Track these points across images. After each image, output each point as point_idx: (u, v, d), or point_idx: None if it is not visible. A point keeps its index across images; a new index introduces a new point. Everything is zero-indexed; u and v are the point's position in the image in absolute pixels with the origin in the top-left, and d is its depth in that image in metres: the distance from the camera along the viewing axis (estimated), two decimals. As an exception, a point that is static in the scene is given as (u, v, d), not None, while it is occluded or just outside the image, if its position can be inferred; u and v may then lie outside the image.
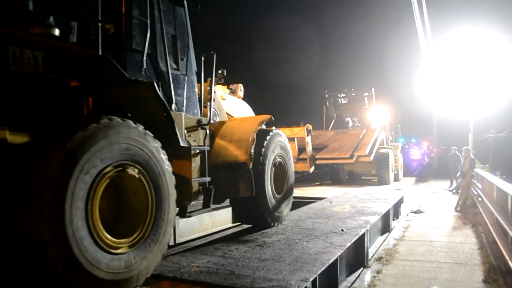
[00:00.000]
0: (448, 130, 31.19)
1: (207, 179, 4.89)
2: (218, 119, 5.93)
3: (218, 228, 6.66)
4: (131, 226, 3.55)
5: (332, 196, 10.70)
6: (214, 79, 5.43)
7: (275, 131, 6.34)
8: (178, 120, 4.40)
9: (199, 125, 4.96)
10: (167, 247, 3.83)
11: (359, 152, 14.02)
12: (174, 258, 4.40)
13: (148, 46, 4.09)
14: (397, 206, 9.89)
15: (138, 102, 4.11)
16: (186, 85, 4.77)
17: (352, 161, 13.98)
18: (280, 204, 6.34)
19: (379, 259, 6.23)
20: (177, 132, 4.27)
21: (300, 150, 13.55)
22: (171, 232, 3.86)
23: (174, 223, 4.10)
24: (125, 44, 3.97)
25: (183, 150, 4.46)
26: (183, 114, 4.59)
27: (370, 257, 6.24)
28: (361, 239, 5.69)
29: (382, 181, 15.16)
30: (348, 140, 14.88)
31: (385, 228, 8.09)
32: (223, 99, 6.45)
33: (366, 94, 17.71)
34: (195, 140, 4.88)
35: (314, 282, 3.77)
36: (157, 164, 3.69)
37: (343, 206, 8.54)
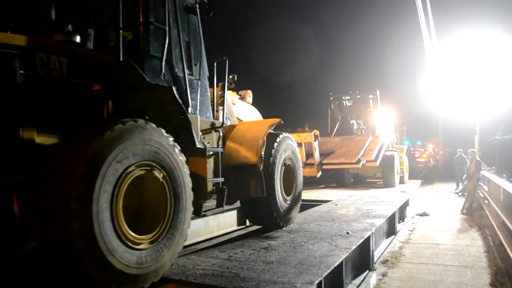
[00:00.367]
0: (453, 132, 31.07)
1: (221, 179, 5.02)
2: (229, 123, 6.07)
3: (224, 231, 6.68)
4: (148, 226, 3.61)
5: (337, 199, 10.69)
6: (226, 84, 5.60)
7: (285, 134, 6.44)
8: (194, 123, 4.55)
9: (213, 127, 5.13)
10: (176, 256, 3.90)
11: (365, 158, 14.02)
12: (180, 260, 4.41)
13: (166, 52, 4.23)
14: (402, 209, 9.84)
15: (156, 106, 4.24)
16: (199, 89, 4.93)
17: (358, 166, 13.98)
18: (289, 205, 6.40)
19: (385, 262, 6.20)
20: (193, 134, 4.41)
21: (308, 155, 13.58)
22: (182, 244, 3.95)
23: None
24: (143, 50, 4.11)
25: (199, 151, 4.63)
26: (198, 117, 4.75)
27: (375, 260, 6.21)
28: (366, 242, 5.68)
29: (388, 183, 15.14)
30: (354, 146, 14.89)
31: (390, 230, 8.06)
32: (234, 104, 6.61)
33: (371, 96, 17.68)
34: (209, 142, 5.05)
35: (320, 285, 3.76)
36: (180, 176, 3.82)
37: (349, 208, 8.52)
